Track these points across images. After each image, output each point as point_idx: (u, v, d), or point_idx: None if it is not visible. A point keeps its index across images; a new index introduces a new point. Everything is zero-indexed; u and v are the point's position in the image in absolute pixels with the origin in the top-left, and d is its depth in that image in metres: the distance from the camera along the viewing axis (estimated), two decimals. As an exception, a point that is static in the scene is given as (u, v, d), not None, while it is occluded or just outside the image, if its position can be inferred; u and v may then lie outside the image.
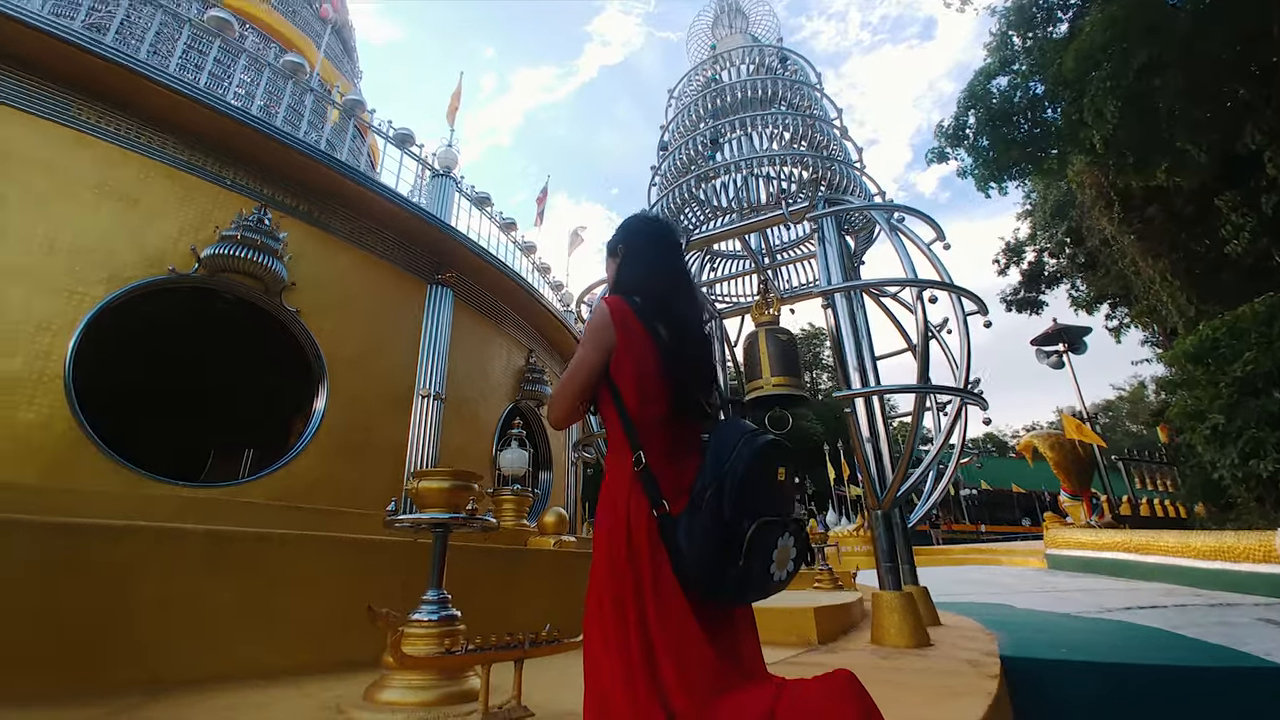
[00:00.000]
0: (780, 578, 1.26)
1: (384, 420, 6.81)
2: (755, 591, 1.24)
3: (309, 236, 6.44)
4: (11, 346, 4.41)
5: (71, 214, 4.90)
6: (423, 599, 2.01)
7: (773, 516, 1.23)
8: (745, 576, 1.19)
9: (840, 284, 3.96)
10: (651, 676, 1.18)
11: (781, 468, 1.33)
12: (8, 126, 4.82)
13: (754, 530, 1.19)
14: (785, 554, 1.26)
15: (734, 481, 1.23)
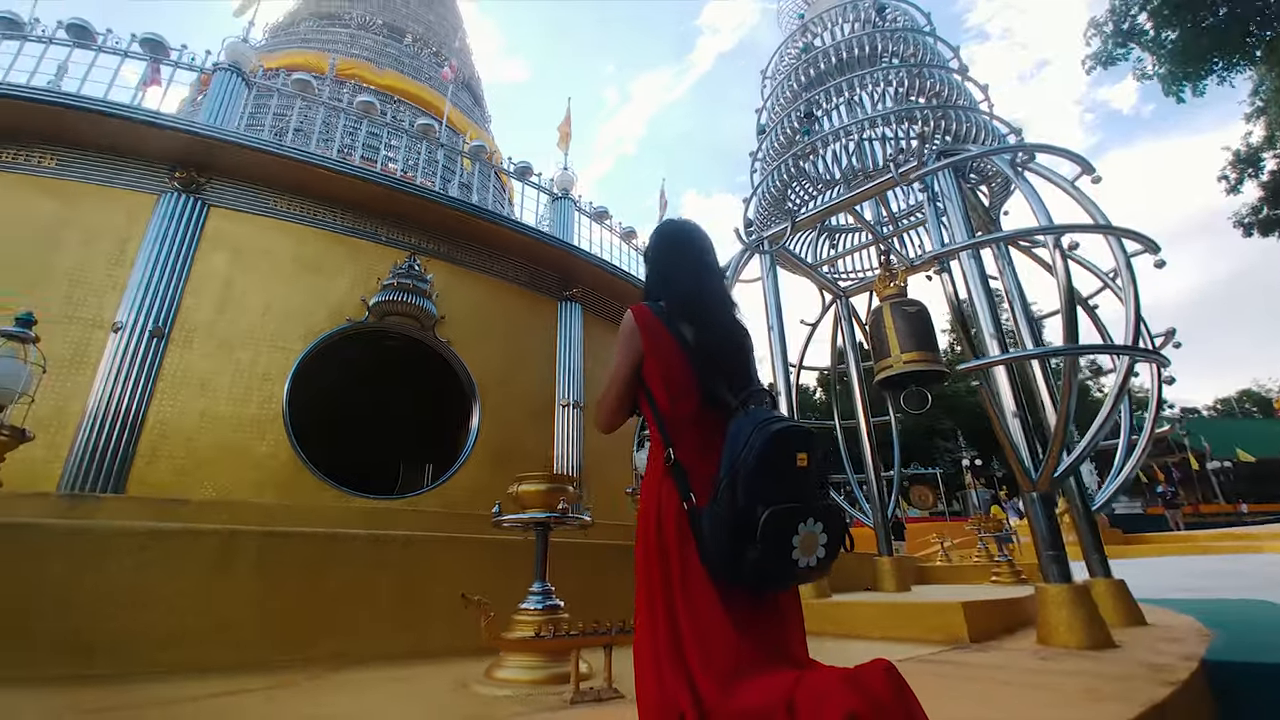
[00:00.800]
0: (808, 564, 1.23)
1: (530, 431, 7.45)
2: (780, 578, 1.23)
3: (451, 273, 7.29)
4: (248, 395, 5.60)
5: (278, 286, 6.10)
6: (529, 590, 2.23)
7: (788, 503, 1.21)
8: (764, 563, 1.19)
9: (952, 246, 3.54)
10: (679, 661, 1.22)
11: (802, 454, 1.30)
12: (236, 225, 6.13)
13: (767, 517, 1.18)
14: (811, 540, 1.23)
15: (746, 470, 1.24)
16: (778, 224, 5.15)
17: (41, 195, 5.48)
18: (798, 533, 1.23)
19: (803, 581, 1.27)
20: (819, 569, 1.26)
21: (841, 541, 1.31)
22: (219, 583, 2.42)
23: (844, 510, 1.57)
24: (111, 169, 5.76)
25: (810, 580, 1.29)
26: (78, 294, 5.27)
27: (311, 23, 15.56)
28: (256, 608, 2.46)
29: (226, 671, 2.22)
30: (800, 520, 1.23)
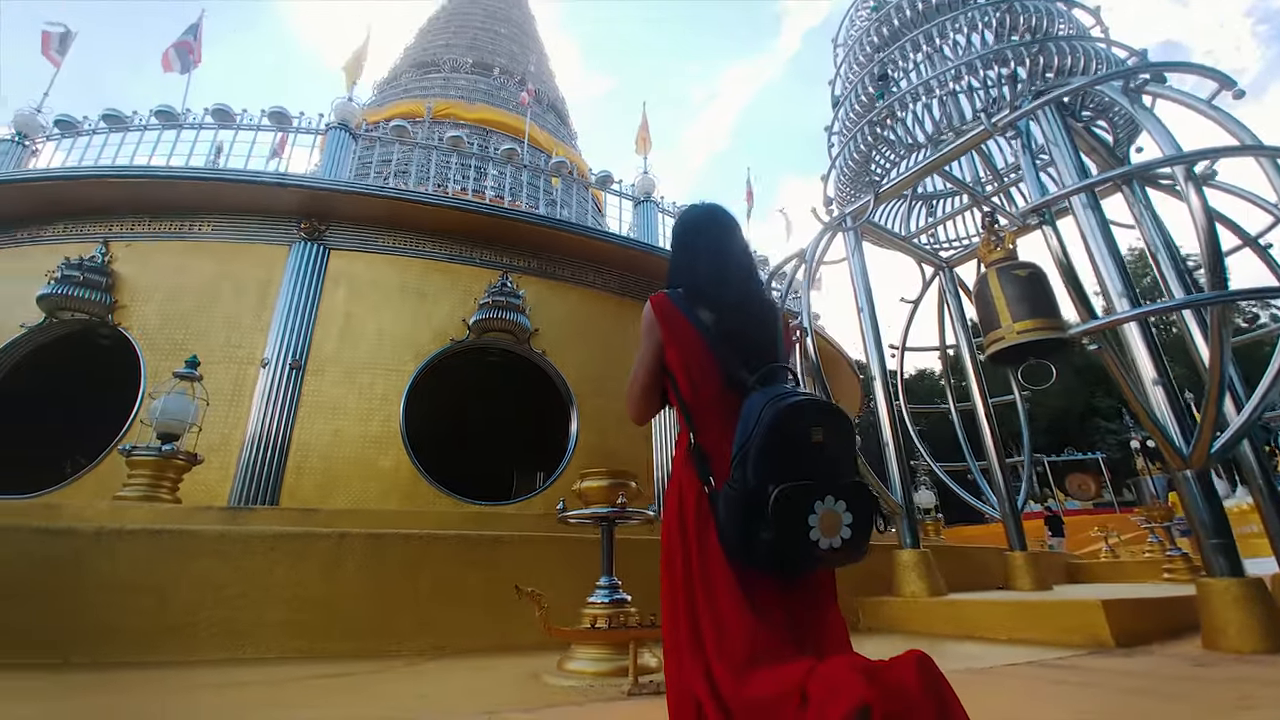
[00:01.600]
0: (831, 545, 1.13)
1: (627, 434, 7.55)
2: (799, 560, 1.14)
3: (542, 287, 7.61)
4: (370, 415, 6.21)
5: (389, 313, 6.72)
6: (597, 584, 2.25)
7: (800, 481, 1.12)
8: (779, 544, 1.12)
9: (1052, 194, 3.08)
10: (698, 648, 1.18)
11: (818, 428, 1.21)
12: (351, 264, 6.85)
13: (777, 495, 1.11)
14: (832, 519, 1.14)
15: (756, 449, 1.18)
16: (860, 199, 4.83)
17: (203, 257, 6.48)
18: (814, 511, 1.14)
19: (830, 565, 1.18)
20: (847, 551, 1.15)
21: (872, 522, 1.20)
22: (332, 579, 2.70)
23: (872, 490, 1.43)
24: (253, 227, 6.67)
25: (839, 563, 1.19)
26: (234, 337, 6.16)
27: (411, 74, 17.07)
28: (364, 601, 2.71)
29: (338, 658, 2.48)
30: (816, 498, 1.14)
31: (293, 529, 2.77)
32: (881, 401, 4.37)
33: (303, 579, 2.67)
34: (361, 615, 2.70)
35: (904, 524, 4.01)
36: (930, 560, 3.87)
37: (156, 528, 2.60)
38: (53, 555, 2.44)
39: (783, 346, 1.50)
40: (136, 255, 6.37)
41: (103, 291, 6.04)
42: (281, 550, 2.70)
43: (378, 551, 2.83)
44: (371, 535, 2.88)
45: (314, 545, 2.73)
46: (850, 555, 1.19)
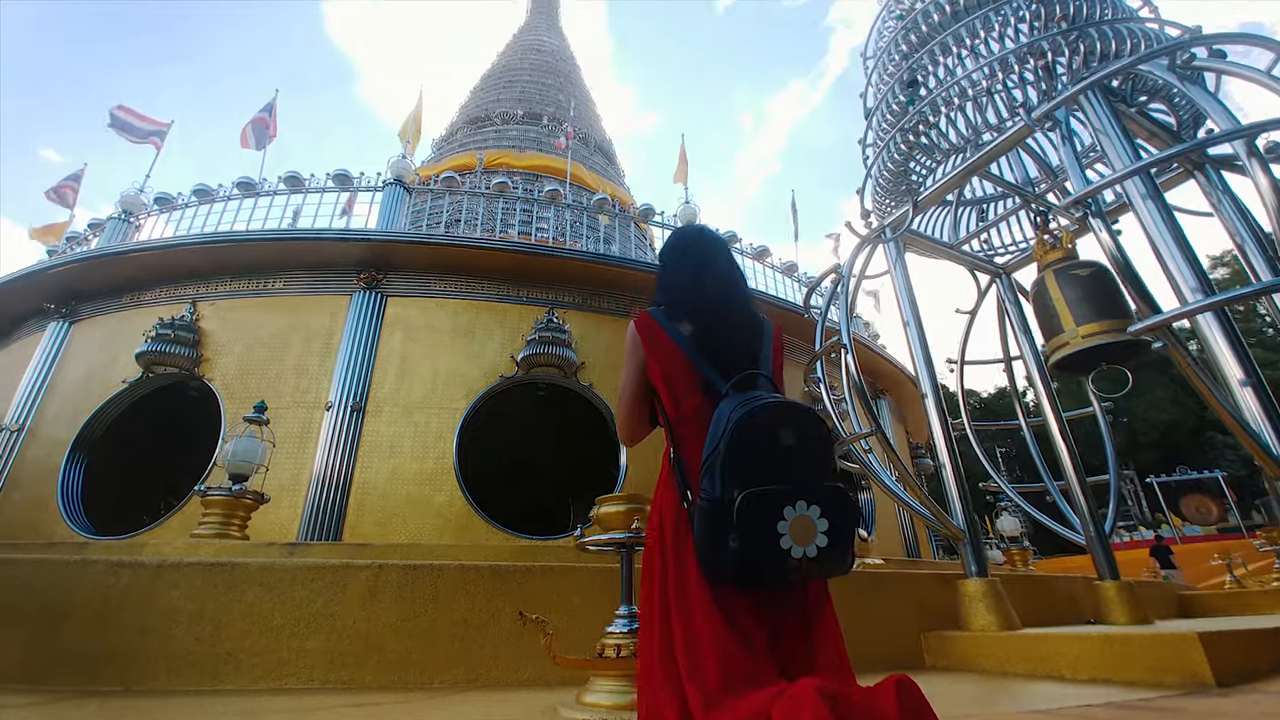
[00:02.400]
0: (805, 554, 1.05)
1: (678, 464, 7.45)
2: (770, 570, 1.06)
3: (586, 320, 7.73)
4: (425, 453, 6.43)
5: (441, 354, 7.01)
6: (616, 613, 2.19)
7: (767, 486, 1.06)
8: (747, 553, 1.05)
9: (1093, 185, 2.83)
10: (671, 670, 1.11)
11: (788, 430, 1.14)
12: (406, 309, 7.24)
13: (741, 500, 1.05)
14: (805, 525, 1.06)
15: (721, 455, 1.13)
16: (899, 209, 4.65)
17: (275, 311, 7.02)
18: (784, 518, 1.06)
19: (808, 576, 1.09)
20: (825, 561, 1.06)
21: (853, 529, 1.11)
22: (369, 611, 2.76)
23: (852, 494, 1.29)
24: (319, 280, 7.19)
25: (819, 575, 1.10)
26: (302, 383, 6.59)
27: (466, 130, 18.16)
28: (400, 633, 2.75)
29: (374, 689, 2.51)
30: (786, 503, 1.07)
31: (330, 561, 2.86)
32: (934, 419, 4.10)
33: (340, 610, 2.74)
34: (398, 646, 2.74)
35: (967, 550, 3.69)
36: (1000, 590, 3.53)
37: (210, 561, 2.76)
38: (120, 587, 2.63)
39: (769, 358, 1.44)
40: (219, 312, 6.99)
41: (190, 347, 6.64)
42: (322, 582, 2.79)
43: (412, 583, 2.88)
44: (407, 567, 2.93)
45: (352, 577, 2.81)
46: (830, 566, 1.09)
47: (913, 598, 3.72)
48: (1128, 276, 2.66)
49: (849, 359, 4.05)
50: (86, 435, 6.53)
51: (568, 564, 3.35)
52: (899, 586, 3.77)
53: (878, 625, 3.48)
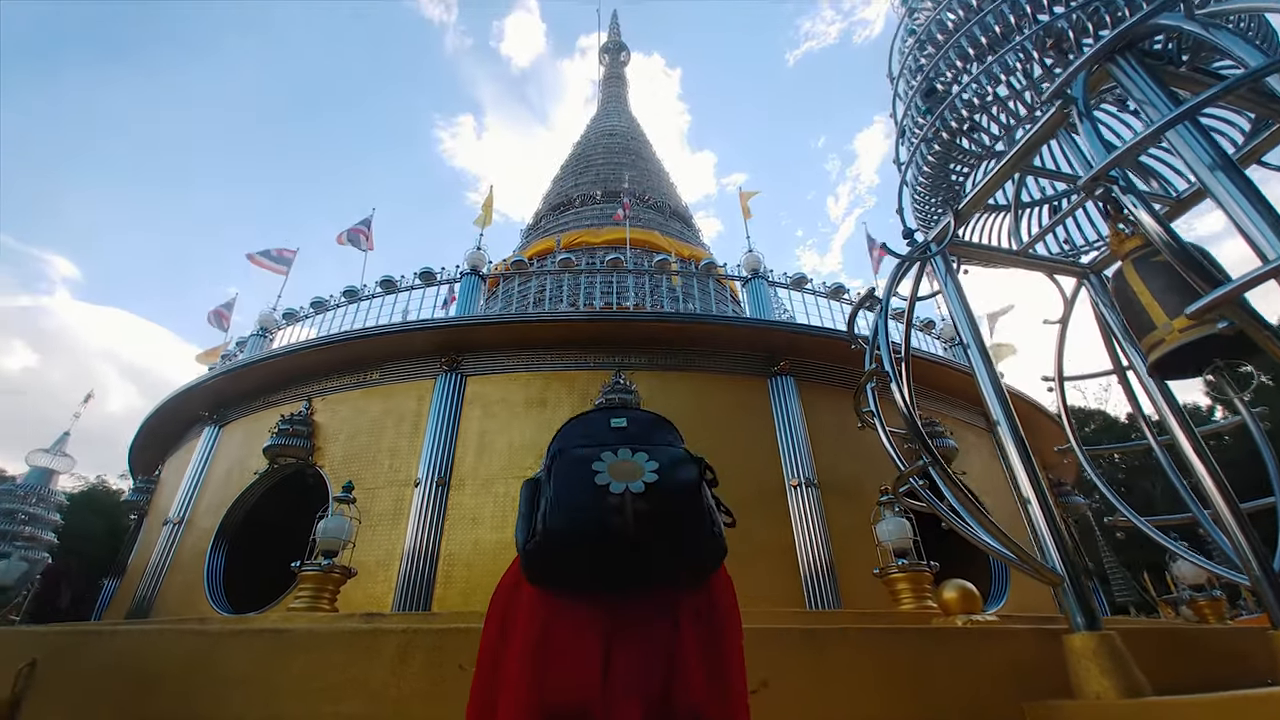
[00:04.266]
0: (629, 488, 0.94)
1: (761, 519, 7.06)
2: (589, 513, 0.95)
3: (653, 379, 7.77)
4: (504, 523, 6.64)
5: (516, 426, 7.33)
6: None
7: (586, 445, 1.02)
8: (556, 501, 0.97)
9: (1114, 154, 2.43)
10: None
11: (620, 419, 1.11)
12: (483, 386, 7.72)
13: (556, 451, 1.01)
14: (628, 467, 0.98)
15: (546, 467, 1.10)
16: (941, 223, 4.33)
17: (373, 399, 7.79)
18: (601, 460, 0.98)
19: (636, 519, 0.93)
20: (655, 500, 0.94)
21: (695, 486, 0.97)
22: (399, 676, 2.83)
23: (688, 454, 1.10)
24: (408, 368, 7.91)
25: (648, 520, 0.94)
26: (394, 463, 7.15)
27: (549, 216, 19.65)
28: (428, 698, 2.78)
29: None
30: (608, 450, 0.99)
31: (361, 626, 3.00)
32: (1012, 451, 3.60)
33: (372, 675, 2.84)
34: (425, 712, 2.76)
35: (1069, 598, 3.10)
36: (1117, 647, 2.89)
37: (262, 628, 3.00)
38: (193, 651, 2.92)
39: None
40: (328, 405, 7.88)
41: (305, 439, 7.51)
42: (359, 647, 2.92)
43: (440, 648, 2.93)
44: (436, 631, 2.99)
45: (383, 641, 2.92)
46: (664, 506, 0.95)
47: (1007, 658, 3.16)
48: (1179, 257, 2.25)
49: (895, 389, 3.72)
50: (227, 523, 7.48)
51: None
52: (985, 644, 3.23)
53: (961, 695, 2.98)
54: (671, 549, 0.95)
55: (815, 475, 7.51)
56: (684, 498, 0.96)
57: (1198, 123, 2.69)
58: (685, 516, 0.96)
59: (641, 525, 0.93)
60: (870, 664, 3.01)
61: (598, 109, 27.35)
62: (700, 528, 0.96)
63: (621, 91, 28.33)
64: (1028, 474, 3.50)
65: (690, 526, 0.96)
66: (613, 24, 31.28)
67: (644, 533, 0.93)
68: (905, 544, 5.65)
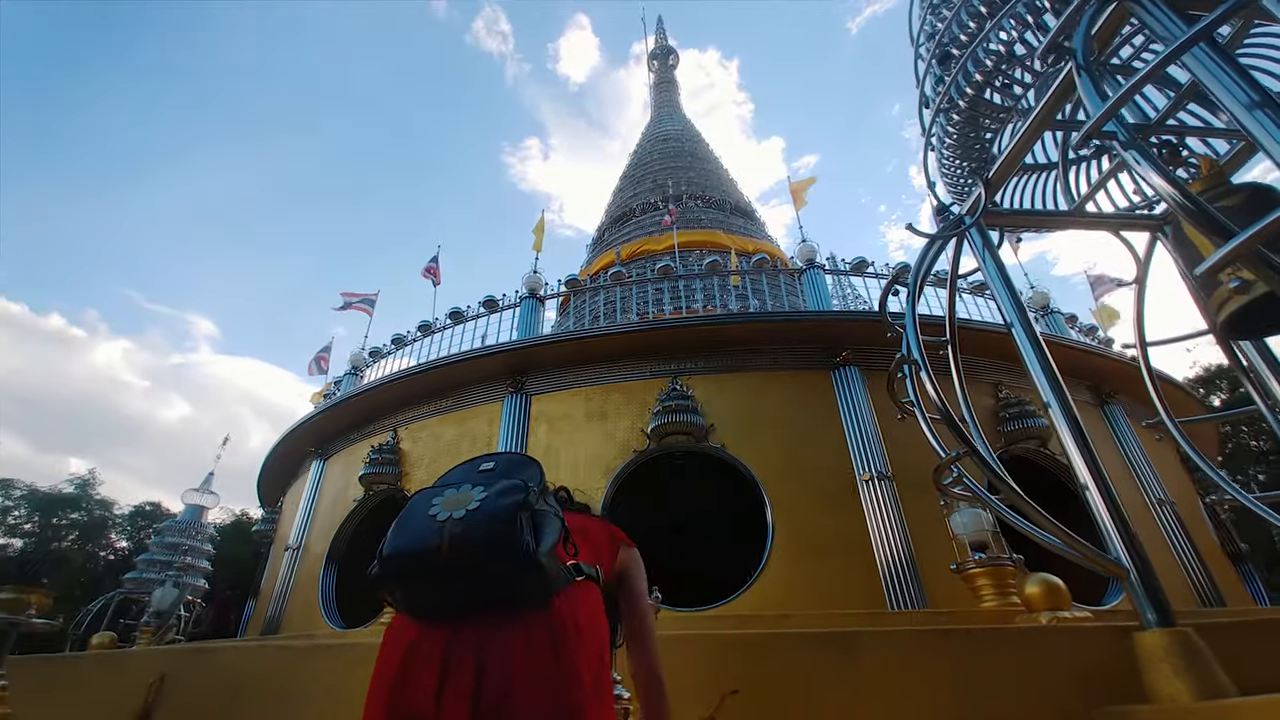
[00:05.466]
0: (452, 515, 1.05)
1: (832, 516, 6.85)
2: (414, 539, 1.06)
3: (709, 383, 7.76)
4: (574, 533, 6.89)
5: (580, 440, 7.59)
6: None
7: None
8: (398, 527, 1.10)
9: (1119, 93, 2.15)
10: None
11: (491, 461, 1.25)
12: (546, 404, 8.06)
13: (416, 493, 1.15)
14: (461, 498, 1.09)
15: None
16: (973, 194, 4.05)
17: (449, 425, 8.36)
18: (442, 495, 1.11)
19: (451, 540, 1.03)
20: (470, 521, 1.03)
21: (514, 507, 1.05)
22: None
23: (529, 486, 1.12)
24: (478, 392, 8.41)
25: (461, 539, 1.03)
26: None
27: (611, 229, 20.04)
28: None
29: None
30: (451, 487, 1.12)
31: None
32: (1066, 434, 3.31)
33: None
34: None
35: (1136, 591, 2.81)
36: (1195, 644, 2.58)
37: (340, 643, 3.36)
38: (279, 665, 3.33)
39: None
40: (411, 434, 8.55)
41: (394, 465, 8.19)
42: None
43: None
44: None
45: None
46: (475, 526, 1.03)
47: (1077, 660, 2.91)
48: (1193, 216, 2.01)
49: (924, 376, 3.54)
50: (334, 547, 8.31)
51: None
52: (1053, 645, 2.98)
53: (1021, 704, 2.78)
54: (490, 570, 1.04)
55: (889, 468, 7.18)
56: (496, 523, 1.05)
57: (1232, 59, 2.40)
58: (497, 537, 1.04)
59: (456, 548, 1.02)
60: (906, 671, 2.88)
61: (651, 115, 27.58)
62: (513, 549, 1.04)
63: (673, 95, 28.38)
64: (1083, 458, 3.21)
65: (502, 548, 1.04)
66: (658, 29, 31.45)
67: (458, 554, 1.02)
68: (983, 536, 5.30)
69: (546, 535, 1.09)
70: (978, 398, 7.79)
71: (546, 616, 1.07)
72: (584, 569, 1.20)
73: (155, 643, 7.15)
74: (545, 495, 1.22)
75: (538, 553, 1.04)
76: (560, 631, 1.05)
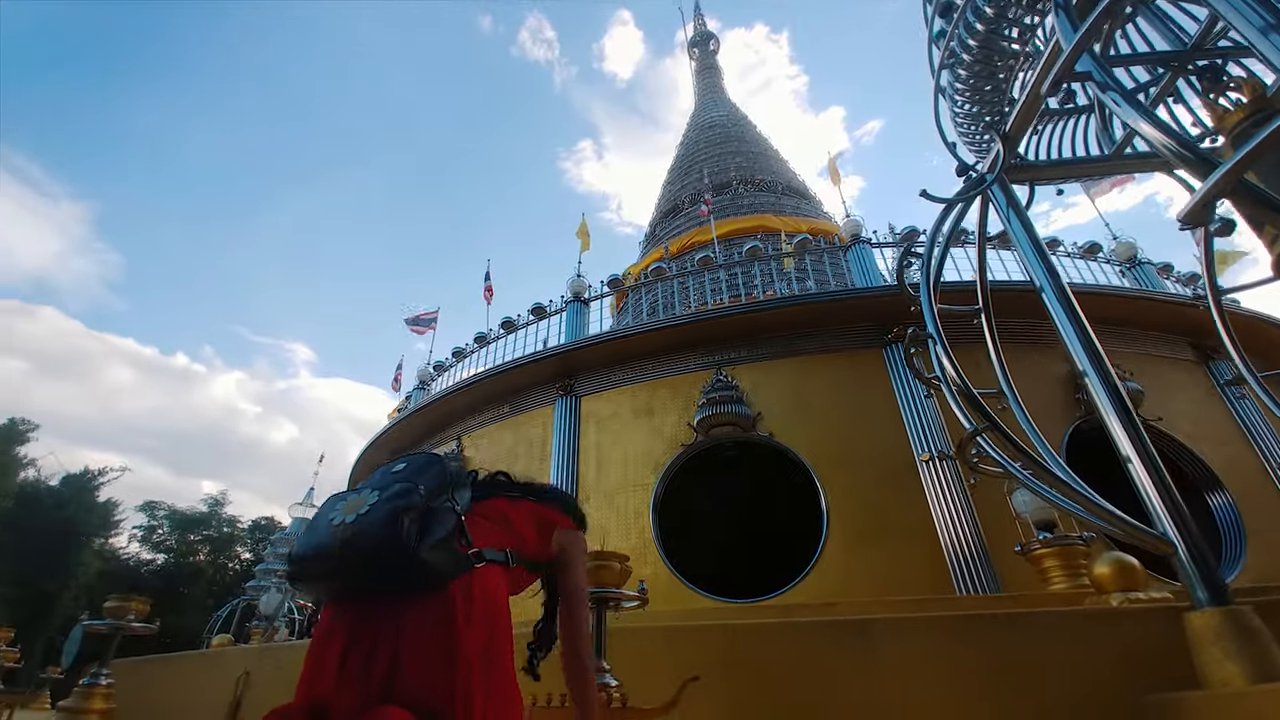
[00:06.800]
0: (344, 520, 1.17)
1: (891, 498, 6.60)
2: (314, 540, 1.20)
3: (754, 371, 7.66)
4: (628, 531, 7.03)
5: (629, 437, 7.71)
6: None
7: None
8: (307, 531, 1.23)
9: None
10: None
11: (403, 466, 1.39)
12: (595, 404, 8.25)
13: (324, 502, 1.28)
14: (357, 503, 1.21)
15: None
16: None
17: (507, 430, 8.74)
18: (345, 499, 1.24)
19: (343, 540, 1.16)
20: (360, 523, 1.15)
21: (403, 508, 1.16)
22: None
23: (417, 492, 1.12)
24: (531, 397, 8.73)
25: (351, 539, 1.16)
26: (529, 485, 7.93)
27: (662, 224, 20.05)
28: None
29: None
30: (354, 492, 1.24)
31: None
32: (1106, 403, 3.05)
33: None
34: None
35: (1186, 568, 2.55)
36: (1250, 624, 2.32)
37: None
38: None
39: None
40: (474, 441, 9.01)
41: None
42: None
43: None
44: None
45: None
46: (364, 527, 1.14)
47: (1117, 644, 2.69)
48: (1181, 159, 1.80)
49: (938, 350, 3.37)
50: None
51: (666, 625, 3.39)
52: (1104, 628, 2.76)
53: (1062, 690, 2.61)
54: (377, 567, 1.15)
55: (951, 446, 6.79)
56: (379, 526, 1.16)
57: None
58: (379, 539, 1.15)
59: (345, 550, 1.15)
60: (928, 660, 2.77)
61: (695, 105, 27.28)
62: (392, 549, 1.14)
63: (717, 80, 27.92)
64: (1125, 429, 2.97)
65: (383, 548, 1.15)
66: (696, 14, 31.00)
67: (348, 555, 1.15)
68: (1048, 514, 4.94)
69: (434, 530, 1.20)
70: (1047, 365, 7.23)
71: (441, 598, 1.18)
72: (486, 554, 1.30)
73: (264, 642, 8.01)
74: (449, 491, 1.32)
75: (419, 548, 1.15)
76: (450, 612, 1.16)
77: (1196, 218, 1.78)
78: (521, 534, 1.51)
